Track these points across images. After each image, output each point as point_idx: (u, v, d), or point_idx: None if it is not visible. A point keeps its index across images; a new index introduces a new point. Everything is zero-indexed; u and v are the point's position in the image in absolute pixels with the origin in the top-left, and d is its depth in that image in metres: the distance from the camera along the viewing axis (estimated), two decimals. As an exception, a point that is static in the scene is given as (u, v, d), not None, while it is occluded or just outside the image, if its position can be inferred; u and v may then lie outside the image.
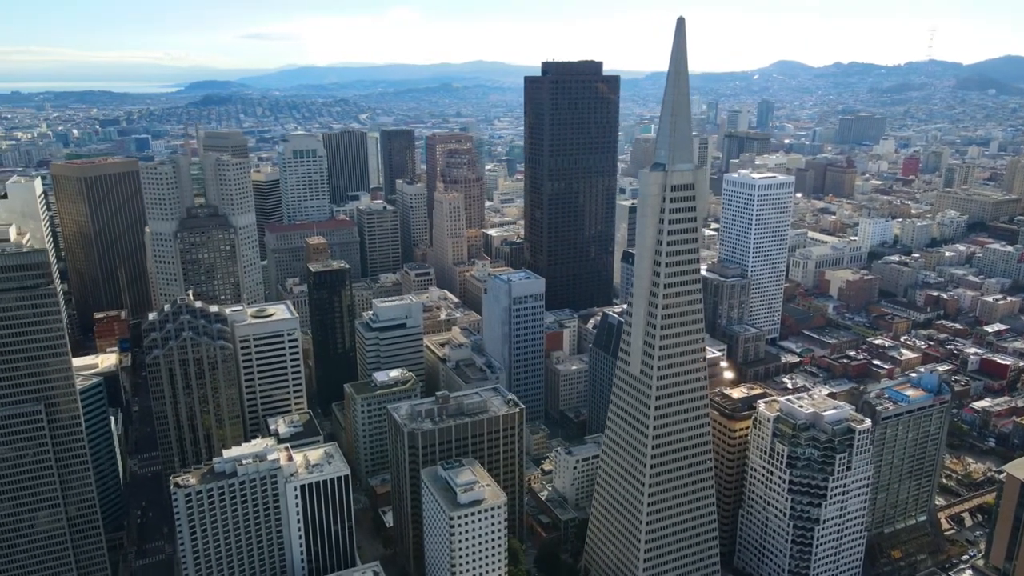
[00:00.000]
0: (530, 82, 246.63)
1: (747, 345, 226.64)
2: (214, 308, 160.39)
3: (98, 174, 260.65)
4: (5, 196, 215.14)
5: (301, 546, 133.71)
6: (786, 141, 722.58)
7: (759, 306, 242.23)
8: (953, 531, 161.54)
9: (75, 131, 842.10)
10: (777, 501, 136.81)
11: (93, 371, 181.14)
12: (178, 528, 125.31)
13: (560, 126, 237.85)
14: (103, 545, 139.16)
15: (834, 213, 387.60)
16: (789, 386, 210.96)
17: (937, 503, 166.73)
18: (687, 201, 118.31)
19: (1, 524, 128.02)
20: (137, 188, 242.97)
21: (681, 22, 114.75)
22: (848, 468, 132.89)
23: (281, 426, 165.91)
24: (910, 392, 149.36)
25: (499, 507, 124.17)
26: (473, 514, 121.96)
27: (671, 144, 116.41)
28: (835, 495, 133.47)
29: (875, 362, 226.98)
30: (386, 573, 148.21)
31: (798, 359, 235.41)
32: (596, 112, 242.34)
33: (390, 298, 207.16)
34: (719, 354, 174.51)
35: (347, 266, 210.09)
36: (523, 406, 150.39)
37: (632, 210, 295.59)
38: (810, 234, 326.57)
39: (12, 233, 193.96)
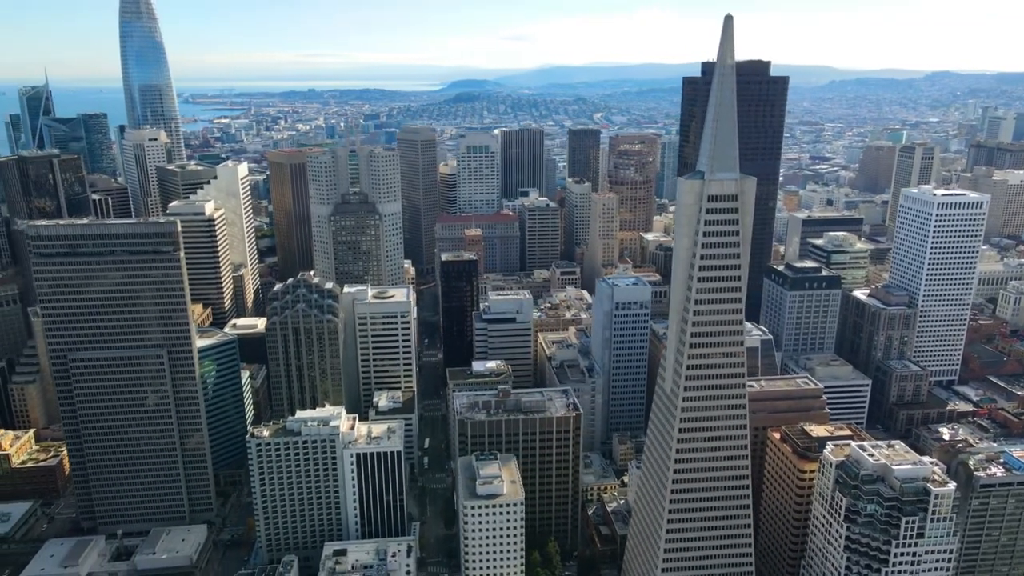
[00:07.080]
0: (687, 83, 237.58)
1: (902, 384, 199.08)
2: (328, 285, 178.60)
3: (301, 161, 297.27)
4: (216, 177, 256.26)
5: (355, 507, 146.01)
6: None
7: (931, 341, 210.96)
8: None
9: (342, 124, 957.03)
10: (833, 557, 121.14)
11: (252, 331, 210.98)
12: (250, 474, 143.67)
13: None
14: (209, 476, 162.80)
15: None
16: (945, 437, 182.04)
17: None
18: (728, 213, 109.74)
19: (130, 448, 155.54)
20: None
21: (729, 20, 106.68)
22: (919, 535, 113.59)
23: (383, 399, 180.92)
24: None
25: (515, 504, 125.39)
26: (486, 507, 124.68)
27: (712, 151, 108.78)
28: (900, 563, 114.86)
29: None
30: (442, 551, 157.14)
31: (972, 408, 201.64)
32: (757, 116, 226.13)
33: (504, 292, 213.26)
34: (817, 386, 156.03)
35: (475, 258, 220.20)
36: (581, 410, 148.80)
37: (806, 223, 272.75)
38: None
39: (208, 208, 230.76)
